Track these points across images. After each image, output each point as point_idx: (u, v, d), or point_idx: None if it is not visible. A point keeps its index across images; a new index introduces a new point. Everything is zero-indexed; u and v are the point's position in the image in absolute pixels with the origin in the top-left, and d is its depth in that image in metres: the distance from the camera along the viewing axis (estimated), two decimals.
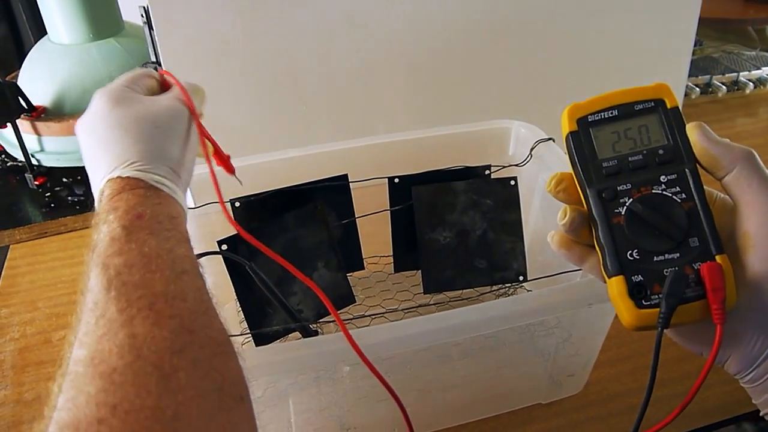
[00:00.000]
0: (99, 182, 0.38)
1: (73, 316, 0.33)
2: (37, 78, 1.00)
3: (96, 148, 0.40)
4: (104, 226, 0.35)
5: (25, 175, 0.98)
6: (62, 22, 0.98)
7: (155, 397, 0.28)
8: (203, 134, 0.47)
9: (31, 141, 0.98)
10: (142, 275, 0.32)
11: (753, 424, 0.64)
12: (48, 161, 0.99)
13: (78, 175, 1.01)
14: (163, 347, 0.30)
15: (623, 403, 0.64)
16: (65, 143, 0.97)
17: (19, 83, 0.97)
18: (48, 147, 0.99)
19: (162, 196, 0.38)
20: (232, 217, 0.44)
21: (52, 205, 0.96)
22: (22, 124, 0.96)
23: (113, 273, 0.32)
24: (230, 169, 0.52)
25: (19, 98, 0.94)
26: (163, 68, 0.76)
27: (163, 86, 0.47)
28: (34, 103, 0.97)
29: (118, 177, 0.37)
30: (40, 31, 1.07)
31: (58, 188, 0.99)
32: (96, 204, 0.38)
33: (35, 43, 1.06)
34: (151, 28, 0.74)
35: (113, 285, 0.32)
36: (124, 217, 0.35)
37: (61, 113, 0.98)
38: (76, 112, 0.98)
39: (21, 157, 0.98)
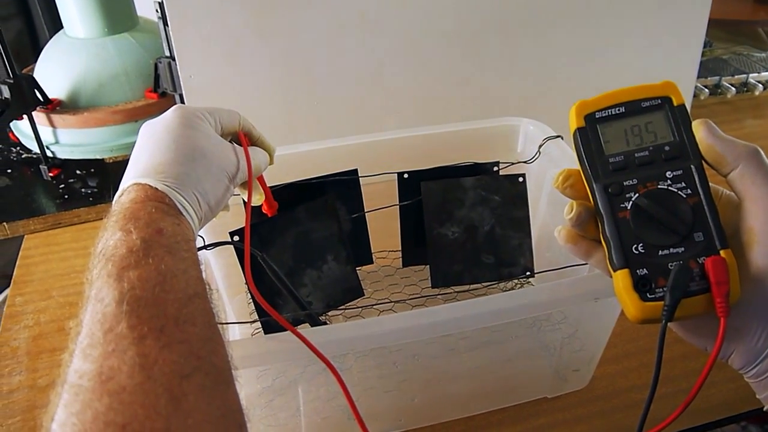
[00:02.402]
0: (129, 180, 0.39)
1: (73, 321, 0.33)
2: (53, 71, 1.01)
3: (145, 149, 0.42)
4: (121, 232, 0.35)
5: (40, 166, 1.00)
6: (78, 16, 1.00)
7: (165, 419, 0.28)
8: (263, 186, 0.55)
9: (46, 133, 0.99)
10: (156, 293, 0.32)
11: (759, 426, 0.65)
12: (62, 153, 1.00)
13: (91, 168, 1.02)
14: (173, 370, 0.30)
15: (628, 399, 0.64)
16: (80, 136, 0.99)
17: (35, 76, 0.98)
18: (63, 139, 1.00)
19: (181, 219, 0.38)
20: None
21: (66, 196, 0.97)
22: (38, 116, 0.97)
23: (127, 286, 0.32)
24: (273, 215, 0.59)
25: (35, 91, 0.96)
26: (177, 62, 0.77)
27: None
28: (50, 96, 0.98)
29: (147, 185, 0.38)
30: (56, 25, 1.08)
31: (71, 180, 1.00)
32: (114, 200, 0.39)
33: (50, 38, 1.07)
34: (165, 23, 0.76)
35: (126, 299, 0.31)
36: (144, 230, 0.35)
37: (76, 106, 0.99)
38: (90, 105, 0.99)
39: (36, 149, 0.99)
